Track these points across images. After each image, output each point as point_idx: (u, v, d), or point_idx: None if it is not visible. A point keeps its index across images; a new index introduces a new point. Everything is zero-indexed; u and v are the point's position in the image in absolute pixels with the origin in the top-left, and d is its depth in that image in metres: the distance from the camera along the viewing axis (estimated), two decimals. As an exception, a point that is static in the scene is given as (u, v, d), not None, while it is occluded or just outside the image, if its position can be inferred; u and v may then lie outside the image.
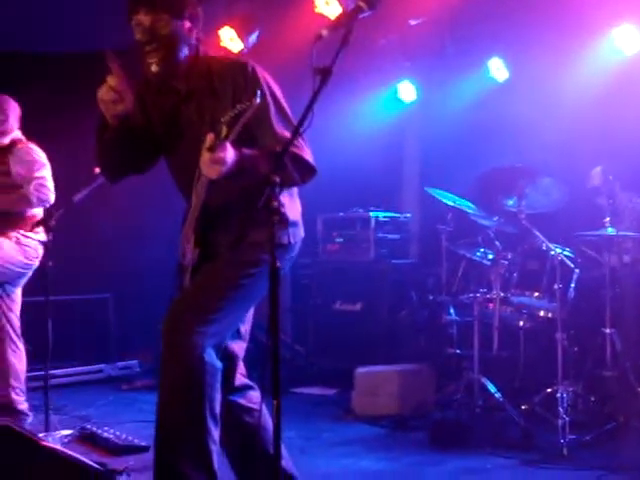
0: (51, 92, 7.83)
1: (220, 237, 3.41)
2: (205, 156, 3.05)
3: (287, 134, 3.23)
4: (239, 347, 3.59)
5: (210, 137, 3.02)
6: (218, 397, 3.29)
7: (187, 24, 3.40)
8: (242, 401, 3.56)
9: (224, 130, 2.99)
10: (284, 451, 3.43)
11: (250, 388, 3.60)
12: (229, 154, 3.05)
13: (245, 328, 3.62)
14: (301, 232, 3.59)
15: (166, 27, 3.35)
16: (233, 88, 3.31)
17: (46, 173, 5.62)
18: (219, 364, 3.30)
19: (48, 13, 7.20)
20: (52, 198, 5.58)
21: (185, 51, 3.40)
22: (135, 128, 3.51)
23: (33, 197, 5.46)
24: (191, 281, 3.43)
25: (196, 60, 3.44)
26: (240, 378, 3.60)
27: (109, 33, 3.69)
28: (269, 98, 3.32)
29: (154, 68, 3.37)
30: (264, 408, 3.44)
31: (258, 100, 2.98)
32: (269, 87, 3.35)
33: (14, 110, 5.76)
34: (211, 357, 3.25)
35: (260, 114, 3.24)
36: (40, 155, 5.67)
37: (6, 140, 5.68)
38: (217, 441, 3.29)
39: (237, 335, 3.57)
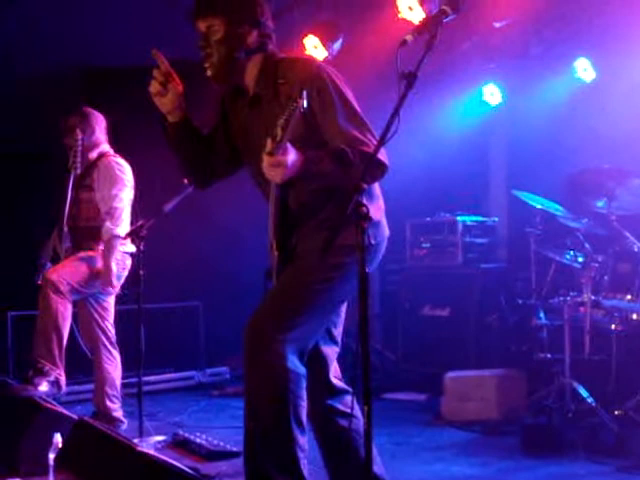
0: (136, 103, 7.97)
1: (299, 241, 3.40)
2: (265, 160, 3.06)
3: (354, 132, 3.23)
4: (332, 351, 3.58)
5: (269, 141, 3.03)
6: (303, 404, 3.29)
7: (246, 28, 3.43)
8: (339, 405, 3.54)
9: (279, 133, 3.00)
10: (377, 457, 3.43)
11: (347, 392, 3.56)
12: (290, 157, 3.04)
13: (338, 331, 3.63)
14: (384, 232, 3.55)
15: (219, 32, 3.40)
16: (300, 88, 3.23)
17: (124, 194, 5.66)
18: (303, 370, 3.29)
19: (125, 26, 7.32)
20: (126, 224, 5.61)
21: (243, 55, 3.44)
22: (201, 131, 3.61)
23: (112, 231, 5.53)
24: (272, 287, 3.44)
25: (263, 64, 3.47)
26: (337, 382, 3.58)
27: (184, 43, 3.76)
28: (334, 96, 3.30)
29: (208, 72, 3.44)
30: (359, 413, 3.45)
31: (304, 101, 2.97)
32: (335, 85, 3.33)
33: (101, 123, 5.85)
34: (293, 364, 3.25)
35: (325, 112, 3.27)
36: (124, 171, 5.73)
37: (94, 154, 5.78)
38: (305, 448, 3.29)
39: (329, 338, 3.56)
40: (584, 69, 7.13)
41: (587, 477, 4.71)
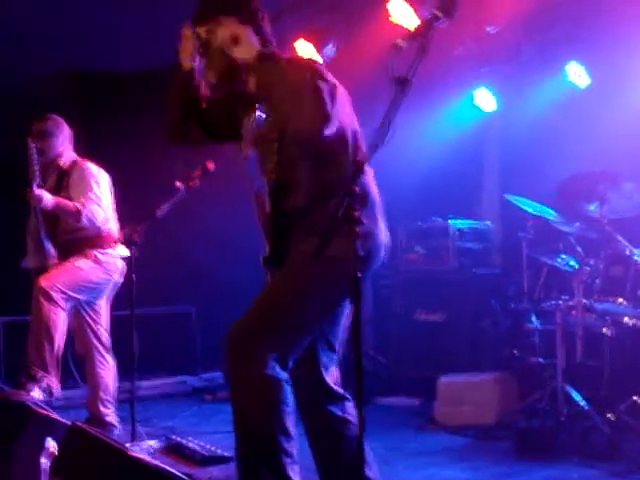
0: (125, 108, 7.96)
1: (291, 245, 3.41)
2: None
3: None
4: (330, 358, 3.56)
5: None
6: (287, 409, 3.29)
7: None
8: (338, 412, 3.53)
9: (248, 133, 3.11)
10: (373, 463, 3.43)
11: (346, 399, 3.56)
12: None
13: (338, 340, 3.61)
14: (376, 242, 3.48)
15: (218, 38, 3.44)
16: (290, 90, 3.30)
17: (101, 194, 5.68)
18: (284, 376, 3.30)
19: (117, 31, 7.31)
20: (100, 219, 5.63)
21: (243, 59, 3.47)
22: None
23: (83, 215, 5.53)
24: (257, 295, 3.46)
25: (261, 65, 3.49)
26: (336, 388, 3.57)
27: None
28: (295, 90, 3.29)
29: (209, 77, 3.51)
30: (355, 418, 3.45)
31: (261, 114, 3.01)
32: (319, 83, 3.29)
33: (66, 130, 5.86)
34: (274, 370, 3.26)
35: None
36: (95, 174, 5.73)
37: (63, 161, 5.78)
38: (291, 453, 3.29)
39: (327, 347, 3.54)
40: (576, 74, 7.14)
41: (580, 481, 4.73)
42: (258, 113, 3.04)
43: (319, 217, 3.31)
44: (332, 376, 3.60)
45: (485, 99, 7.98)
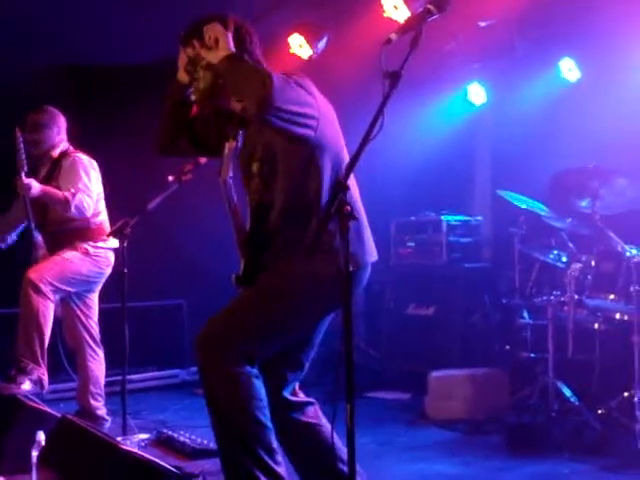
0: (120, 103, 7.94)
1: (268, 260, 3.46)
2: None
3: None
4: (294, 375, 3.62)
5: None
6: (260, 404, 3.34)
7: None
8: (301, 417, 3.61)
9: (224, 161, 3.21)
10: (343, 455, 3.45)
11: (309, 404, 3.64)
12: None
13: (306, 357, 3.64)
14: (360, 260, 3.45)
15: (204, 60, 3.45)
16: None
17: (92, 185, 5.67)
18: (253, 371, 3.35)
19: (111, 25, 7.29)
20: (90, 210, 5.62)
21: None
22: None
23: (72, 204, 5.51)
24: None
25: None
26: (294, 398, 3.63)
27: (171, 42, 3.79)
28: None
29: (192, 97, 3.56)
30: (324, 420, 3.55)
31: (239, 143, 3.04)
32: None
33: (62, 122, 5.84)
34: (242, 368, 3.31)
35: None
36: (86, 165, 5.71)
37: (55, 153, 5.78)
38: (271, 445, 3.34)
39: (294, 363, 3.60)
40: (569, 69, 7.14)
41: (570, 476, 4.73)
42: (238, 141, 3.09)
43: (297, 236, 3.35)
44: (290, 390, 3.64)
45: (478, 94, 7.98)
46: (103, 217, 5.80)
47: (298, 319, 3.48)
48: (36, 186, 5.45)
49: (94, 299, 5.82)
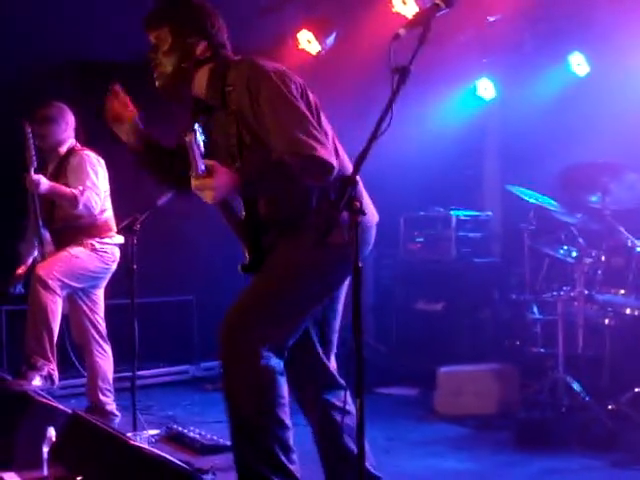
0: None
1: (270, 241, 3.45)
2: (192, 183, 3.09)
3: (298, 134, 3.18)
4: (327, 348, 3.60)
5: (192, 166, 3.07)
6: (282, 401, 3.31)
7: (194, 39, 3.46)
8: (335, 400, 3.56)
9: (190, 158, 3.04)
10: (369, 452, 3.45)
11: (342, 388, 3.56)
12: (219, 179, 3.05)
13: (332, 329, 3.63)
14: (364, 225, 3.38)
15: (166, 43, 3.46)
16: (247, 90, 3.30)
17: (99, 182, 5.68)
18: (279, 367, 3.32)
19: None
20: (98, 208, 5.64)
21: (190, 66, 3.47)
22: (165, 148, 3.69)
23: (80, 201, 5.52)
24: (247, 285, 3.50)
25: (211, 73, 3.48)
26: (333, 377, 3.60)
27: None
28: (274, 98, 3.27)
29: (156, 83, 3.53)
30: (352, 408, 3.45)
31: (194, 136, 2.99)
32: (275, 86, 3.28)
33: (70, 119, 5.85)
34: (268, 361, 3.28)
35: (263, 115, 3.27)
36: (94, 162, 5.72)
37: (63, 149, 5.78)
38: (285, 443, 3.32)
39: (321, 337, 3.58)
40: (578, 64, 7.13)
41: (580, 472, 4.73)
42: (198, 134, 3.03)
43: (291, 213, 3.36)
44: (332, 364, 3.62)
45: (487, 89, 7.96)
46: (109, 214, 5.81)
47: (311, 290, 3.43)
48: (45, 183, 5.46)
49: (99, 295, 5.83)
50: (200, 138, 3.01)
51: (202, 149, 3.02)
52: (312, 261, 3.34)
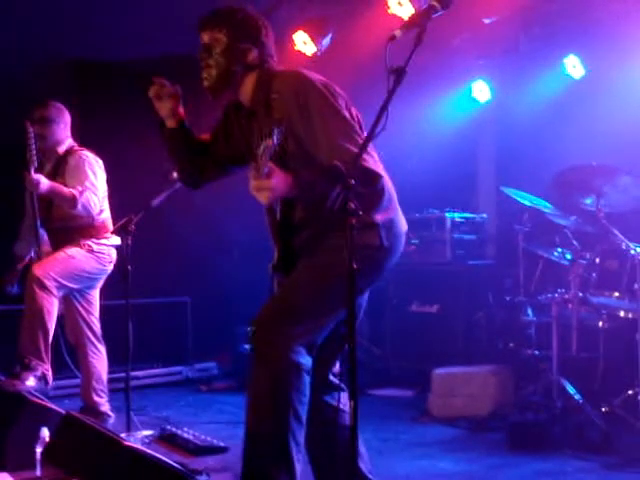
0: (122, 98, 7.93)
1: (302, 244, 3.49)
2: (250, 184, 3.09)
3: (345, 144, 3.24)
4: (339, 348, 3.61)
5: (254, 165, 3.07)
6: (304, 399, 3.32)
7: (247, 45, 3.55)
8: (332, 402, 3.59)
9: (258, 161, 3.03)
10: (364, 454, 3.47)
11: (341, 389, 3.60)
12: (276, 180, 3.07)
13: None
14: (397, 231, 3.64)
15: (221, 45, 3.54)
16: (295, 100, 3.36)
17: (98, 183, 5.68)
18: (308, 365, 3.33)
19: (111, 19, 7.28)
20: (97, 209, 5.64)
21: (240, 71, 3.55)
22: (197, 138, 3.77)
23: (78, 202, 5.52)
24: (278, 287, 3.58)
25: (258, 80, 3.55)
26: (334, 379, 3.63)
27: (173, 37, 3.80)
28: (322, 109, 3.34)
29: (205, 83, 3.59)
30: (347, 408, 3.47)
31: (275, 141, 3.00)
32: (323, 98, 3.36)
33: (68, 118, 5.84)
34: (298, 358, 3.29)
35: (312, 126, 3.33)
36: (93, 163, 5.72)
37: (61, 149, 5.78)
38: (300, 442, 3.33)
39: (338, 336, 3.59)
40: (573, 66, 7.14)
41: (574, 474, 4.72)
42: (274, 139, 3.04)
43: (327, 219, 3.36)
44: (334, 367, 3.65)
45: (482, 91, 7.97)
46: (106, 215, 5.80)
47: (341, 291, 3.46)
48: (45, 182, 5.45)
49: (95, 295, 5.83)
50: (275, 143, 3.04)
51: (271, 153, 3.05)
52: (332, 262, 3.33)
